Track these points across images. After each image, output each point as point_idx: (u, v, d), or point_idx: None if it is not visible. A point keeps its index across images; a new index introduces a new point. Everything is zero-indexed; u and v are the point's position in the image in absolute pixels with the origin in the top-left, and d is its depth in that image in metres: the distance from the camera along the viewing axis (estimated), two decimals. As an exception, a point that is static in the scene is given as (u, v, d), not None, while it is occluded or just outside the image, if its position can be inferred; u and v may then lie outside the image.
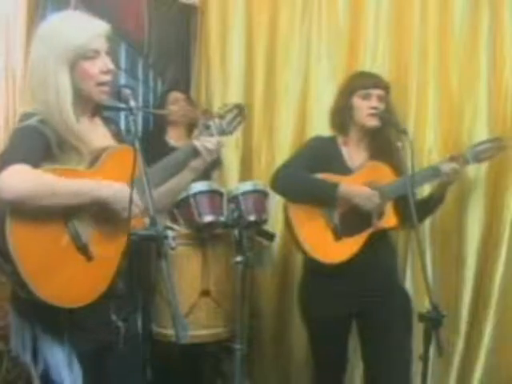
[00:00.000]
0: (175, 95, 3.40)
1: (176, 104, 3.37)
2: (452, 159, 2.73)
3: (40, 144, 1.78)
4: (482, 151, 2.78)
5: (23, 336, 1.90)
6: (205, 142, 2.06)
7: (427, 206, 2.78)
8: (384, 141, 2.68)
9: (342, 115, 2.74)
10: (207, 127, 2.13)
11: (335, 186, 2.58)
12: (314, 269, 2.69)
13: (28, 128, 1.79)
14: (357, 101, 2.69)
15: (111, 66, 1.90)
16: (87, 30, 1.87)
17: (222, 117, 2.19)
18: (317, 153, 2.72)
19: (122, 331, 1.97)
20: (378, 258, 2.66)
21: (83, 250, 1.83)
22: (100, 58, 1.88)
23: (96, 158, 1.89)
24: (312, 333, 2.80)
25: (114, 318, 1.95)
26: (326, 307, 2.65)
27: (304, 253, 2.68)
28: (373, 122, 2.67)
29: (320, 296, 2.68)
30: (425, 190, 3.00)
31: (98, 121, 2.04)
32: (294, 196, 2.67)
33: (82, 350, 1.89)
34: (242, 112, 2.24)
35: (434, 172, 2.70)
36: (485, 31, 3.15)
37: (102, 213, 1.85)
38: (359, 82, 2.72)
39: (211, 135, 2.10)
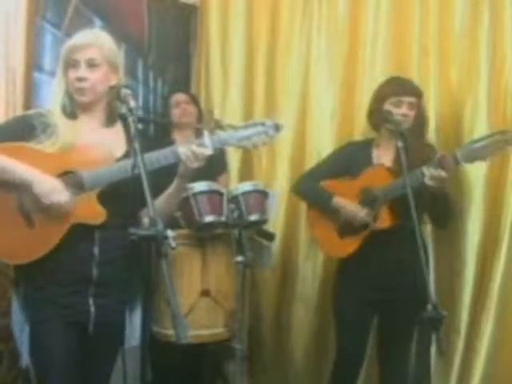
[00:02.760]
0: (177, 98, 3.37)
1: (178, 107, 3.34)
2: (440, 161, 2.53)
3: (20, 128, 2.10)
4: (475, 150, 2.51)
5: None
6: (186, 149, 2.04)
7: (438, 204, 2.72)
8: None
9: (375, 118, 2.86)
10: (200, 135, 2.13)
11: (329, 198, 2.82)
12: (341, 263, 2.93)
13: (23, 115, 2.26)
14: (389, 107, 2.75)
15: (82, 73, 2.10)
16: (71, 43, 2.15)
17: (219, 126, 2.16)
18: (345, 158, 2.90)
19: (92, 315, 2.10)
20: (389, 255, 2.71)
21: (26, 216, 2.05)
22: (79, 67, 2.11)
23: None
24: (337, 318, 2.96)
25: (90, 301, 2.11)
26: (347, 297, 2.85)
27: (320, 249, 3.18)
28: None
29: (343, 288, 2.90)
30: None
31: (119, 127, 2.18)
32: (305, 201, 3.05)
33: (51, 319, 2.07)
34: (266, 130, 2.12)
35: (419, 176, 2.54)
36: (485, 31, 3.16)
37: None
38: (391, 89, 2.79)
39: (202, 143, 2.06)
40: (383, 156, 2.84)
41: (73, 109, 2.15)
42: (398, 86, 2.79)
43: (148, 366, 3.07)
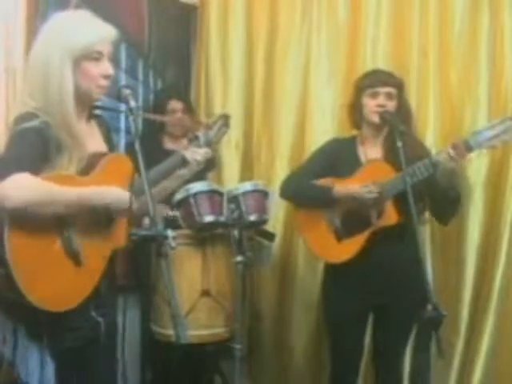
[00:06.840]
0: (173, 105, 3.24)
1: (173, 115, 3.22)
2: (452, 147, 2.55)
3: (41, 148, 1.78)
4: (486, 136, 2.52)
5: (4, 331, 2.01)
6: (193, 154, 2.10)
7: (443, 198, 2.68)
8: (394, 139, 2.62)
9: (353, 113, 2.81)
10: (196, 138, 2.18)
11: (329, 189, 2.68)
12: (331, 268, 2.81)
13: (31, 131, 1.77)
14: (366, 99, 2.73)
15: (111, 71, 1.92)
16: (95, 31, 1.89)
17: (209, 128, 2.25)
18: (330, 156, 2.82)
19: (103, 327, 2.00)
20: (390, 255, 2.65)
21: (74, 256, 1.84)
22: (103, 61, 1.89)
23: (92, 164, 1.90)
24: (330, 329, 2.90)
25: (93, 314, 1.97)
26: (341, 304, 2.74)
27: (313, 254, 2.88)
28: (375, 118, 2.70)
29: (336, 293, 2.78)
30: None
31: (93, 123, 2.05)
32: (299, 201, 2.85)
33: (69, 347, 1.93)
34: (226, 122, 2.28)
35: (430, 162, 2.56)
36: (485, 31, 3.16)
37: (93, 222, 1.87)
38: (368, 81, 2.75)
39: (199, 146, 2.12)
40: (370, 153, 2.76)
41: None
42: (374, 78, 2.74)
43: (148, 365, 3.09)
